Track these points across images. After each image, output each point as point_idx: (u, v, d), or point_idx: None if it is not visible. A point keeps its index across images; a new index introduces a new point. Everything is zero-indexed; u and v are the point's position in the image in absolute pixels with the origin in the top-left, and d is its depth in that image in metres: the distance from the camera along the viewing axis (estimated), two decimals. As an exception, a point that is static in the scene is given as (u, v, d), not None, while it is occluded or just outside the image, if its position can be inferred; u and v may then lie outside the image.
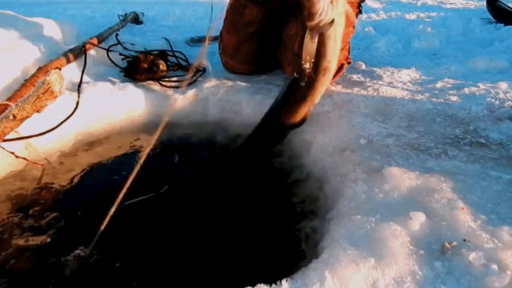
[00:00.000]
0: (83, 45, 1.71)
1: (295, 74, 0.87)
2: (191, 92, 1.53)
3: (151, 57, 1.62)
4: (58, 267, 0.82)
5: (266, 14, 1.57)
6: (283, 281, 0.65)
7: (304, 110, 0.93)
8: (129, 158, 1.28)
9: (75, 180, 1.15)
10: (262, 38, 1.64)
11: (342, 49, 1.51)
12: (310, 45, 0.79)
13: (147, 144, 0.92)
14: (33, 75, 1.32)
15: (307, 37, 0.78)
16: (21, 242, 0.89)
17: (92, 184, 1.14)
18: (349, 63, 1.60)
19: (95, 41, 1.87)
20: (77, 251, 0.82)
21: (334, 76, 1.52)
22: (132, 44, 2.04)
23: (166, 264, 0.85)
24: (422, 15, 3.72)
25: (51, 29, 1.84)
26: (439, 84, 1.58)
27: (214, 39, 2.59)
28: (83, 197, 1.08)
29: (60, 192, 1.09)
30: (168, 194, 1.10)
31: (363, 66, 1.88)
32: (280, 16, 1.59)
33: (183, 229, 0.97)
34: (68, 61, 1.56)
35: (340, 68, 1.53)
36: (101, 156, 1.28)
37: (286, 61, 1.59)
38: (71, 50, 1.63)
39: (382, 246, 0.69)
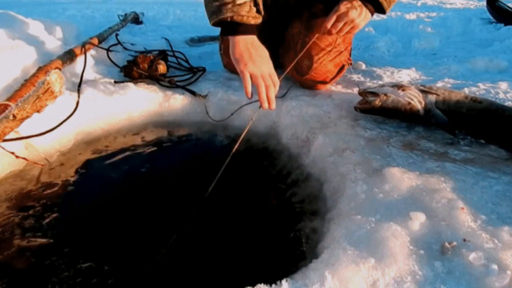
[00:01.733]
0: (83, 45, 1.72)
1: None
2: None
3: (151, 57, 1.62)
4: (58, 267, 0.83)
5: (269, 15, 1.57)
6: (283, 281, 0.65)
7: None
8: (129, 158, 1.28)
9: (75, 180, 1.15)
10: (263, 38, 1.64)
11: (344, 50, 1.51)
12: None
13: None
14: (33, 75, 1.32)
15: None
16: (21, 242, 0.89)
17: (92, 184, 1.14)
18: (350, 64, 1.60)
19: (95, 41, 1.87)
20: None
21: (335, 77, 1.52)
22: (132, 44, 2.05)
23: (166, 264, 0.85)
24: (422, 15, 3.72)
25: (51, 29, 1.85)
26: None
27: (214, 39, 2.60)
28: (83, 197, 1.08)
29: (60, 192, 1.09)
30: (167, 193, 1.10)
31: (363, 66, 1.88)
32: (284, 15, 1.59)
33: (182, 228, 0.96)
34: (68, 61, 1.56)
35: (341, 69, 1.53)
36: (101, 156, 1.28)
37: (288, 61, 1.59)
38: (71, 50, 1.63)
39: (382, 246, 0.69)
